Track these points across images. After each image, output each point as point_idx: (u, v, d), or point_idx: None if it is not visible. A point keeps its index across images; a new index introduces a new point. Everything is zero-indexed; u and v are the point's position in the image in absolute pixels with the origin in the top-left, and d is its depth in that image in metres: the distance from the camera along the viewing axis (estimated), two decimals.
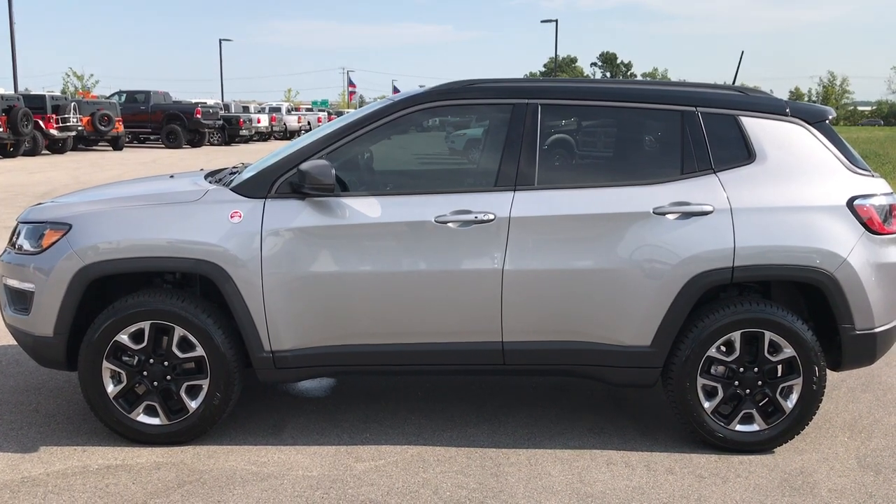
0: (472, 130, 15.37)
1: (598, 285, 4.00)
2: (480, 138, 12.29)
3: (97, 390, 4.05)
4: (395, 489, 3.69)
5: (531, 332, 4.07)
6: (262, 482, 3.74)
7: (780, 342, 4.01)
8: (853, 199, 4.06)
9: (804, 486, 3.78)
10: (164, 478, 3.77)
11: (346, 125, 4.22)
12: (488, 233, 3.98)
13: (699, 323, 4.02)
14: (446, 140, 17.22)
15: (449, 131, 16.99)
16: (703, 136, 4.13)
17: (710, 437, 4.10)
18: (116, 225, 4.03)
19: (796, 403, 4.07)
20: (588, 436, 4.31)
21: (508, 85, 4.27)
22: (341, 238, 4.00)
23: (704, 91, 4.31)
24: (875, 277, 4.03)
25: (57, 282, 3.99)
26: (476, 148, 13.02)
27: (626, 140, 4.49)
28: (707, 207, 3.99)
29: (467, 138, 15.95)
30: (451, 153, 16.16)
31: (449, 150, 16.51)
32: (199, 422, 4.08)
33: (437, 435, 4.30)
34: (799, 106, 4.28)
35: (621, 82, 4.61)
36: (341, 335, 4.06)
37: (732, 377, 4.08)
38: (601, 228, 4.01)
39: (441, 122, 14.10)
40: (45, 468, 3.86)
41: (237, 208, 4.01)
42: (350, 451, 4.09)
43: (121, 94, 35.09)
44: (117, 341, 4.01)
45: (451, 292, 4.02)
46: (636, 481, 3.80)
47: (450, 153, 16.20)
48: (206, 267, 3.95)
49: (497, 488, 3.71)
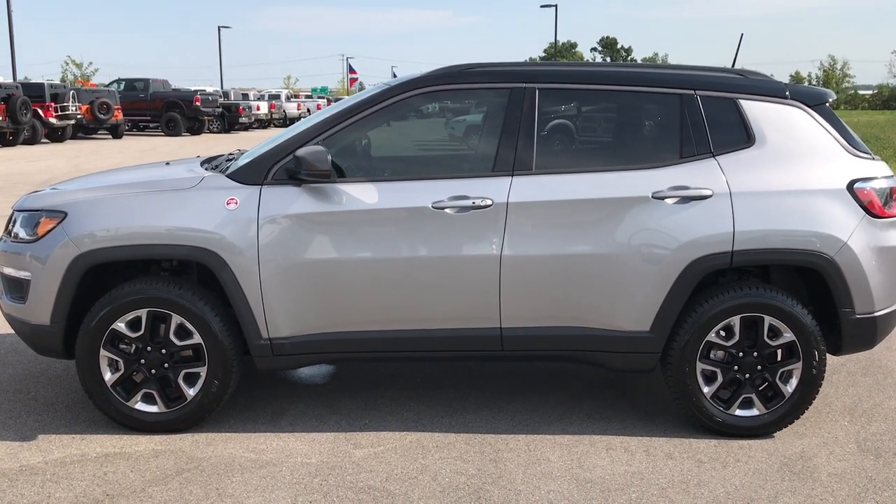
0: (472, 116, 15.35)
1: (596, 270, 3.98)
2: (480, 124, 12.26)
3: (95, 378, 4.04)
4: (394, 475, 3.69)
5: (529, 317, 4.05)
6: (260, 469, 3.73)
7: (780, 326, 3.99)
8: (853, 183, 4.03)
9: (804, 471, 3.77)
10: (162, 465, 3.77)
11: (342, 111, 4.19)
12: (486, 218, 3.96)
13: (698, 308, 4.00)
14: (446, 126, 17.19)
15: (449, 117, 16.97)
16: (702, 120, 4.09)
17: (710, 422, 4.09)
18: (112, 212, 4.01)
19: (796, 388, 4.05)
20: (587, 421, 4.31)
21: (506, 69, 4.24)
22: (338, 224, 3.98)
23: (703, 74, 4.26)
24: (875, 261, 4.01)
25: (53, 270, 3.97)
26: (475, 134, 12.99)
27: (625, 124, 4.46)
28: (706, 191, 3.96)
29: (467, 124, 15.92)
30: (450, 139, 16.12)
31: (448, 137, 16.47)
32: (197, 409, 4.08)
33: (435, 421, 4.29)
34: (798, 89, 4.24)
35: (619, 66, 4.57)
36: (339, 322, 4.04)
37: (732, 362, 4.07)
38: (599, 213, 3.98)
39: (441, 109, 14.09)
40: (43, 456, 3.85)
41: (233, 195, 3.99)
42: (349, 437, 4.09)
43: (120, 83, 35.00)
44: (114, 329, 4.00)
45: (448, 278, 4.00)
46: (635, 466, 3.80)
47: (449, 139, 16.16)
48: (202, 254, 3.93)
49: (496, 474, 3.71)
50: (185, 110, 33.83)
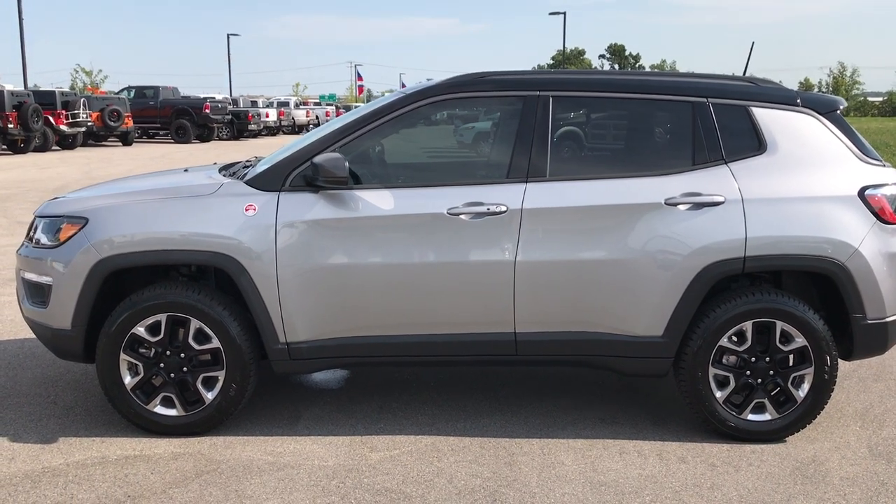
0: (481, 124, 15.42)
1: (610, 276, 4.03)
2: (489, 131, 12.27)
3: (115, 382, 4.10)
4: (410, 478, 3.73)
5: (543, 322, 4.10)
6: (278, 472, 3.79)
7: (792, 332, 4.03)
8: (864, 189, 4.06)
9: (816, 475, 3.80)
10: (182, 468, 3.82)
11: (358, 118, 4.25)
12: (500, 224, 4.01)
13: (711, 313, 4.04)
14: (455, 133, 17.26)
15: (457, 124, 17.04)
16: (715, 127, 4.14)
17: (722, 427, 4.12)
18: (133, 218, 4.07)
19: (808, 393, 4.09)
20: (600, 425, 4.35)
21: (519, 77, 4.30)
22: (355, 230, 4.04)
23: (715, 82, 4.32)
24: (886, 267, 4.04)
25: (74, 275, 4.04)
26: (484, 141, 13.02)
27: (638, 131, 4.52)
28: (718, 198, 4.01)
29: (476, 132, 16.00)
30: (459, 146, 16.19)
31: (458, 144, 16.54)
32: (216, 413, 4.13)
33: (450, 425, 4.34)
34: (810, 96, 4.29)
35: (632, 74, 4.64)
36: (356, 326, 4.10)
37: (744, 367, 4.10)
38: (613, 219, 4.03)
39: (449, 116, 14.15)
40: (64, 458, 3.91)
41: (252, 201, 4.05)
42: (365, 440, 4.14)
43: (130, 90, 35.23)
44: (134, 333, 4.06)
45: (464, 283, 4.05)
46: (649, 470, 3.83)
47: (458, 146, 16.23)
48: (221, 259, 3.99)
49: (511, 477, 3.75)
50: (194, 118, 34.04)
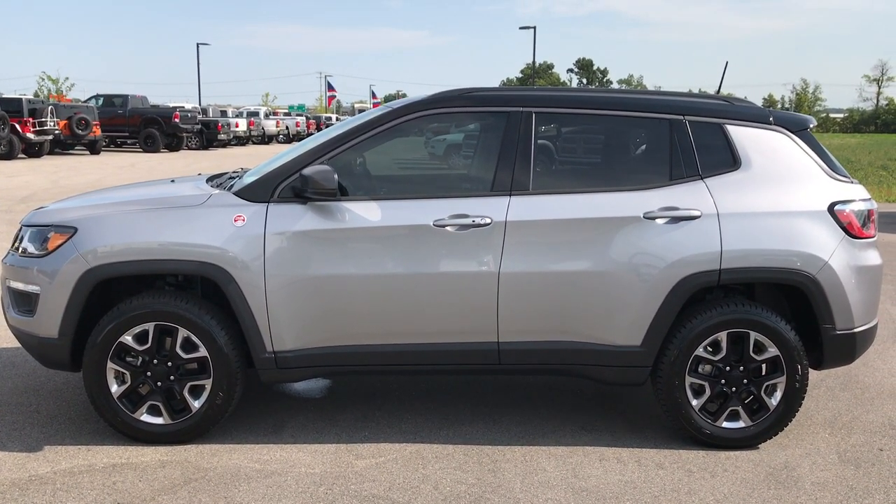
0: (452, 136, 15.52)
1: (590, 287, 4.14)
2: (460, 143, 12.35)
3: (101, 390, 4.12)
4: (396, 484, 3.81)
5: (526, 332, 4.20)
6: (266, 479, 3.84)
7: (765, 342, 4.18)
8: (834, 205, 4.23)
9: (789, 480, 3.94)
10: (169, 475, 3.86)
11: (346, 131, 4.34)
12: (485, 236, 4.11)
13: (687, 323, 4.17)
14: (426, 145, 17.33)
15: (428, 136, 17.11)
16: (691, 144, 4.28)
17: (698, 434, 4.25)
18: (122, 228, 4.11)
19: (780, 401, 4.23)
20: (580, 433, 4.45)
21: (504, 93, 4.42)
22: (343, 241, 4.11)
23: (692, 100, 4.48)
24: (855, 280, 4.21)
25: (62, 284, 4.06)
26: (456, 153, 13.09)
27: (618, 147, 4.66)
28: (695, 212, 4.15)
29: (447, 144, 16.11)
30: (430, 158, 16.27)
31: (429, 155, 16.62)
32: (202, 421, 4.17)
33: (434, 433, 4.42)
34: (782, 115, 4.46)
35: (612, 91, 4.77)
36: (342, 336, 4.17)
37: (719, 376, 4.24)
38: (593, 232, 4.15)
39: (419, 128, 14.22)
40: (51, 467, 3.93)
41: (241, 212, 4.11)
42: (350, 448, 4.20)
43: (98, 98, 34.81)
44: (121, 342, 4.09)
45: (449, 294, 4.14)
46: (628, 476, 3.95)
47: (430, 158, 16.31)
48: (210, 269, 4.04)
49: (495, 483, 3.84)
50: (163, 126, 33.75)
